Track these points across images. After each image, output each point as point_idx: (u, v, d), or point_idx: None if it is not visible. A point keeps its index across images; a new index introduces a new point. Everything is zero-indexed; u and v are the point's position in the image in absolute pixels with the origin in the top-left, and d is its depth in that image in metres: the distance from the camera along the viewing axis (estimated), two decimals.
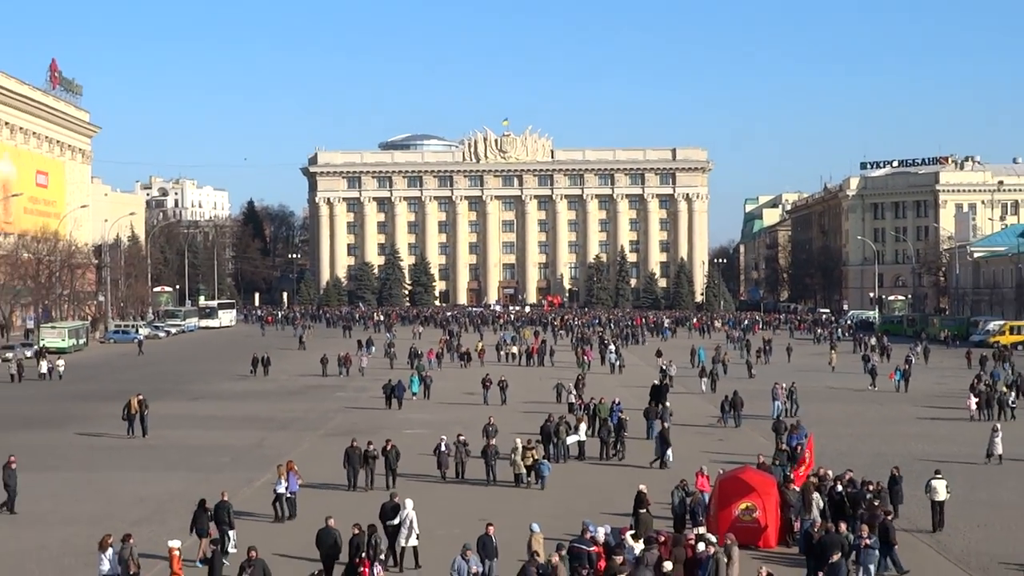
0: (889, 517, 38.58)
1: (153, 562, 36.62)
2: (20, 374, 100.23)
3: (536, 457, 53.18)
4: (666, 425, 59.98)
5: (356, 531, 35.13)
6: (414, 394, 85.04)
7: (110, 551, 33.46)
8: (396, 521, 38.66)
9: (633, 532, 37.05)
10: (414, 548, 37.53)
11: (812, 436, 53.52)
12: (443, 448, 52.99)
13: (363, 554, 34.22)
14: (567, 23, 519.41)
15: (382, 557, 35.15)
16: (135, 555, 33.60)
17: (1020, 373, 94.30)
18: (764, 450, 56.95)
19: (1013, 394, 79.84)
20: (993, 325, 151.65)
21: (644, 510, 39.43)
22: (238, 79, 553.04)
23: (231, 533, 39.10)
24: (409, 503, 39.00)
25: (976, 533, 42.02)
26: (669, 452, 56.43)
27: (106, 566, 33.29)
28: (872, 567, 35.03)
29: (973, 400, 76.76)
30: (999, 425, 60.21)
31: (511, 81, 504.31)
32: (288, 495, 45.05)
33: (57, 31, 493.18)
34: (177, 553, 33.59)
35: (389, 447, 51.20)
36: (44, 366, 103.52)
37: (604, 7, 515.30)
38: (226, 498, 40.79)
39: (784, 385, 77.78)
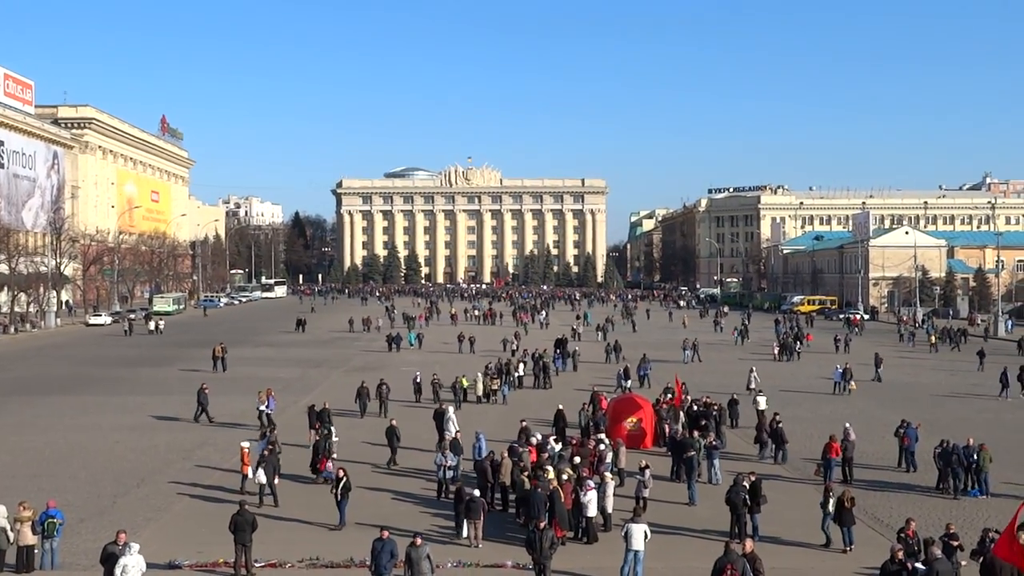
0: (781, 424, 39.93)
1: (232, 453, 36.68)
2: (131, 330, 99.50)
3: (496, 386, 54.52)
4: (627, 365, 61.86)
5: (317, 438, 35.74)
6: (411, 344, 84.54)
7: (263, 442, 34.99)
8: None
9: (555, 436, 37.38)
10: (454, 439, 37.44)
11: (677, 376, 53.87)
12: (417, 380, 53.64)
13: (321, 454, 34.76)
14: (511, 86, 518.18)
15: (334, 456, 35.05)
16: (278, 441, 35.02)
17: (798, 327, 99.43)
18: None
19: (796, 343, 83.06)
20: (796, 298, 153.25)
21: (524, 422, 39.68)
22: (289, 127, 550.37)
23: (332, 428, 39.61)
24: (451, 408, 41.50)
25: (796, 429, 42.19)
26: (629, 382, 57.44)
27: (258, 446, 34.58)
28: (717, 461, 35.36)
29: (776, 347, 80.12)
30: (755, 367, 61.06)
31: (474, 128, 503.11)
32: (268, 412, 44.95)
33: (166, 91, 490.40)
34: (247, 450, 33.38)
35: (382, 384, 50.32)
36: (151, 324, 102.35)
37: (539, 76, 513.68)
38: (328, 407, 42.20)
39: (691, 340, 79.40)
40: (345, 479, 29.32)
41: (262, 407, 45.32)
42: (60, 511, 26.11)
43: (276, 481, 32.09)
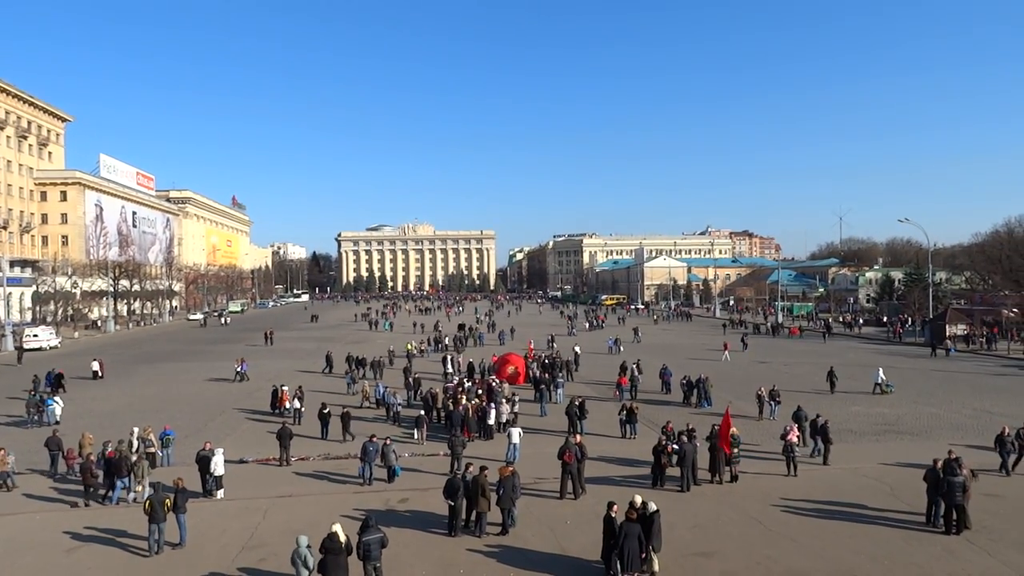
0: (638, 366, 39.88)
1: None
2: (206, 323, 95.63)
3: (425, 347, 54.27)
4: (565, 344, 60.45)
5: (287, 386, 32.99)
6: (385, 329, 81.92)
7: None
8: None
9: (467, 377, 37.08)
10: (407, 382, 35.67)
11: (530, 341, 53.82)
12: (391, 349, 51.48)
13: (281, 394, 31.80)
14: (443, 167, 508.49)
15: (299, 395, 31.04)
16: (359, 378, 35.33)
17: (597, 312, 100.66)
18: (513, 349, 56.98)
19: (598, 320, 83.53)
20: (603, 297, 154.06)
21: (416, 374, 39.17)
22: (309, 196, 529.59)
23: (363, 370, 39.94)
24: (450, 356, 41.73)
25: (597, 371, 42.66)
26: (555, 342, 56.59)
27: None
28: (561, 391, 35.33)
29: (586, 324, 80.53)
30: (554, 335, 61.59)
31: (419, 198, 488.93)
32: (242, 371, 42.01)
33: (236, 174, 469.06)
34: (286, 391, 32.29)
35: (374, 359, 47.52)
36: (223, 319, 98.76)
37: (460, 162, 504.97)
38: (379, 358, 42.38)
39: (572, 321, 79.56)
40: (321, 409, 28.47)
41: (238, 368, 42.36)
42: (172, 431, 25.26)
43: (302, 408, 31.19)
